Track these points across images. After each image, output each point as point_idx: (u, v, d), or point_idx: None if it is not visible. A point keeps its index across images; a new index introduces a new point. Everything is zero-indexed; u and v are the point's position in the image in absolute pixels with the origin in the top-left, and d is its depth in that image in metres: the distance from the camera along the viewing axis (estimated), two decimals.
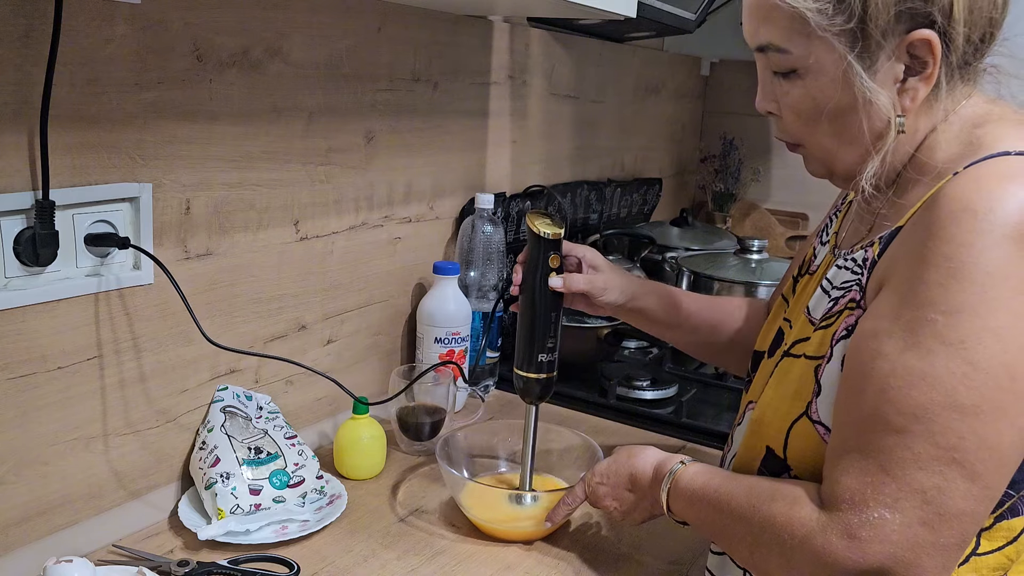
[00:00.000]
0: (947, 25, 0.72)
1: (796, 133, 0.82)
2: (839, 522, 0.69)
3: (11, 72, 0.81)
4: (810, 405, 0.79)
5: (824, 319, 0.82)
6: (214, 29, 0.99)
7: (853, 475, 0.70)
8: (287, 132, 1.12)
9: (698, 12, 1.54)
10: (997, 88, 0.79)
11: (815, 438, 0.78)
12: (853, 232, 0.87)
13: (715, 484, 0.83)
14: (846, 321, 0.78)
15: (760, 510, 0.76)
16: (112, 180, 0.91)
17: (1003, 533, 0.73)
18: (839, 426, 0.74)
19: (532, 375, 1.01)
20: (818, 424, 0.78)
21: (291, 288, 1.17)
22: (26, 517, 0.89)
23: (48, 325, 0.88)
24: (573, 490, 0.99)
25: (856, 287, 0.79)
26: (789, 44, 0.76)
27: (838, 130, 0.78)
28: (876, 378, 0.69)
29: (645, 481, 0.91)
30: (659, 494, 0.88)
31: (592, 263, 1.08)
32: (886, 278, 0.73)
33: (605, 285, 1.06)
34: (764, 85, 0.82)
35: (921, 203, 0.73)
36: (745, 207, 2.49)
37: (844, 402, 0.74)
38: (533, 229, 0.99)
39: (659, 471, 0.90)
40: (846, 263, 0.83)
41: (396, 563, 0.97)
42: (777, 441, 0.82)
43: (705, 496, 0.83)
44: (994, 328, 0.66)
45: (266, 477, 1.01)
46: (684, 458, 0.89)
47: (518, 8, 1.32)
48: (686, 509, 0.86)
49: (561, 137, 1.82)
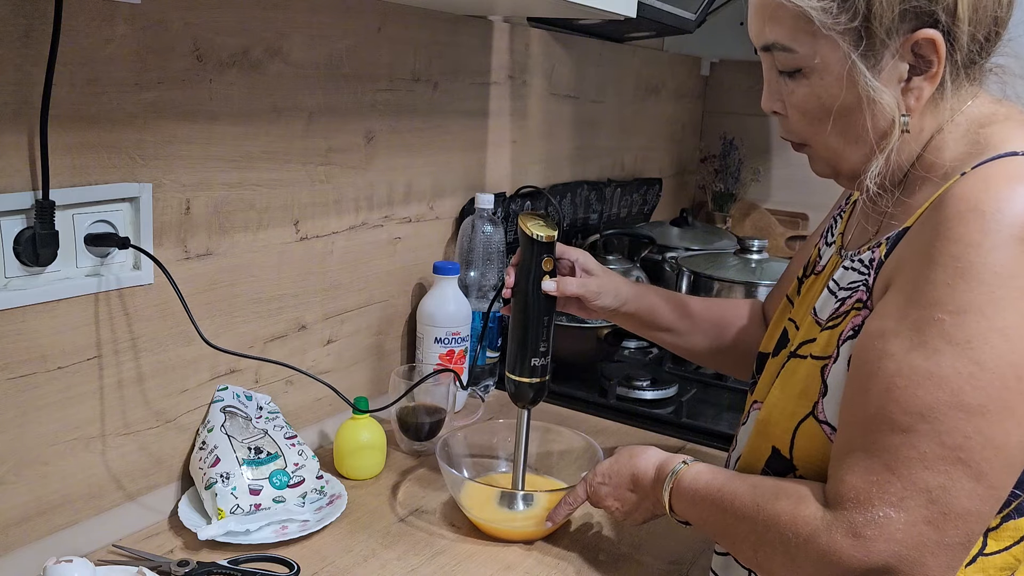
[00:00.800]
0: (951, 24, 0.72)
1: (802, 132, 0.82)
2: (844, 521, 0.69)
3: (11, 72, 0.81)
4: (816, 405, 0.79)
5: (831, 319, 0.81)
6: (214, 29, 0.99)
7: (858, 474, 0.70)
8: (287, 132, 1.12)
9: (698, 12, 1.54)
10: (1003, 88, 0.79)
11: (821, 438, 0.78)
12: (860, 233, 0.87)
13: (718, 483, 0.83)
14: (853, 321, 0.78)
15: (764, 509, 0.76)
16: (112, 180, 0.91)
17: (1010, 533, 0.73)
18: (845, 425, 0.74)
19: (525, 379, 1.01)
20: (824, 424, 0.78)
21: (291, 288, 1.17)
22: (26, 517, 0.89)
23: (48, 325, 0.88)
24: (575, 490, 0.99)
25: (863, 287, 0.79)
26: (794, 43, 0.76)
27: (843, 129, 0.78)
28: (882, 377, 0.69)
29: (647, 481, 0.91)
30: (661, 494, 0.88)
31: (585, 267, 1.08)
32: (893, 278, 0.73)
33: (599, 289, 1.06)
34: (770, 85, 0.82)
35: (929, 203, 0.73)
36: (745, 207, 2.49)
37: (850, 401, 0.74)
38: (526, 231, 0.99)
39: (661, 471, 0.90)
40: (853, 264, 0.83)
41: (396, 563, 0.97)
42: (783, 441, 0.81)
43: (708, 496, 0.83)
44: (1001, 328, 0.66)
45: (266, 477, 1.01)
46: (686, 458, 0.89)
47: (518, 8, 1.32)
48: (688, 509, 0.86)
49: (561, 137, 1.82)
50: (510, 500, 1.04)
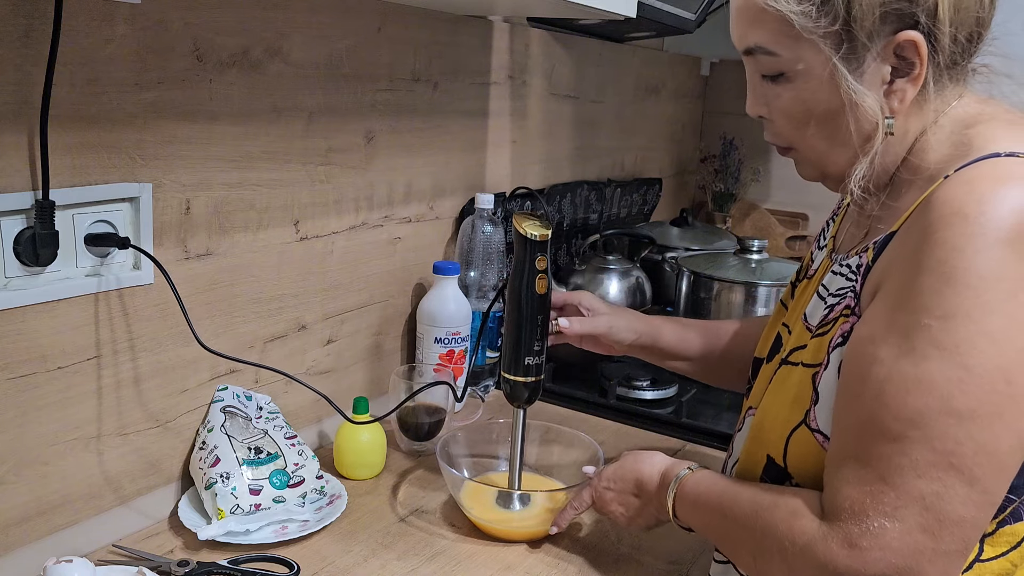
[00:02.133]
0: (932, 25, 0.72)
1: (787, 136, 0.81)
2: (840, 532, 0.69)
3: (11, 72, 0.81)
4: (808, 413, 0.79)
5: (820, 326, 0.81)
6: (214, 29, 0.99)
7: (852, 484, 0.70)
8: (287, 132, 1.12)
9: (698, 12, 1.54)
10: (989, 88, 0.79)
11: (814, 446, 0.78)
12: (849, 237, 0.87)
13: (719, 490, 0.83)
14: (842, 328, 0.77)
15: (762, 517, 0.76)
16: (112, 180, 0.91)
17: (1006, 538, 0.73)
18: (838, 433, 0.74)
19: (520, 378, 1.01)
20: (816, 432, 0.78)
21: (291, 288, 1.17)
22: (26, 517, 0.89)
23: (48, 325, 0.88)
24: (580, 495, 0.99)
25: (851, 294, 0.78)
26: (776, 47, 0.76)
27: (828, 133, 0.78)
28: (872, 384, 0.69)
29: (652, 486, 0.91)
30: (665, 499, 0.88)
31: (590, 307, 1.11)
32: (881, 283, 0.73)
33: (610, 324, 1.09)
34: (754, 89, 0.82)
35: (915, 207, 0.73)
36: (745, 207, 2.49)
37: (842, 409, 0.74)
38: (520, 231, 0.99)
39: (666, 476, 0.90)
40: (841, 269, 0.82)
41: (396, 563, 0.97)
42: (777, 449, 0.81)
43: (709, 502, 0.83)
44: (989, 332, 0.65)
45: (266, 477, 1.01)
46: (691, 464, 0.89)
47: (518, 8, 1.32)
48: (691, 514, 0.86)
49: (561, 137, 1.82)
50: (510, 500, 1.04)
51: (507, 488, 1.05)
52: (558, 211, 1.82)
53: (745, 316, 1.63)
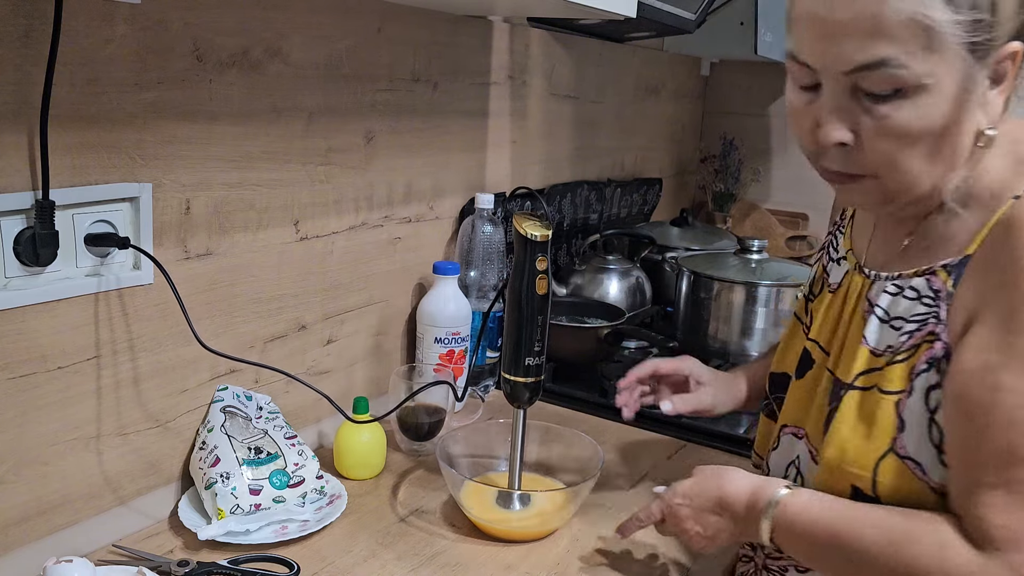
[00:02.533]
0: None
1: (877, 162, 0.73)
2: (1002, 562, 0.68)
3: (11, 72, 0.81)
4: (895, 441, 0.77)
5: (898, 352, 0.79)
6: (214, 29, 0.99)
7: (1001, 512, 0.69)
8: (287, 132, 1.12)
9: (698, 12, 1.54)
10: None
11: (907, 475, 0.76)
12: (882, 253, 0.85)
13: (831, 517, 0.78)
14: (926, 355, 0.76)
15: (902, 553, 0.72)
16: (112, 180, 0.91)
17: None
18: (966, 465, 0.72)
19: (520, 379, 1.01)
20: (907, 460, 0.76)
21: (291, 288, 1.17)
22: (26, 517, 0.89)
23: (48, 325, 0.88)
24: (648, 507, 0.92)
25: (933, 320, 0.77)
26: (910, 60, 0.68)
27: (931, 151, 0.72)
28: (1002, 411, 0.69)
29: (739, 507, 0.84)
30: (760, 522, 0.82)
31: (698, 378, 1.09)
32: (977, 310, 0.73)
33: (713, 401, 1.08)
34: (841, 112, 0.73)
35: (988, 228, 0.73)
36: (745, 207, 2.49)
37: (969, 440, 0.72)
38: (520, 231, 1.00)
39: (757, 497, 0.83)
40: (903, 291, 0.80)
41: (396, 563, 0.97)
42: (864, 481, 0.78)
43: (823, 531, 0.78)
44: None
45: (266, 477, 1.01)
46: (786, 483, 0.83)
47: (518, 8, 1.32)
48: (795, 542, 0.80)
49: (561, 137, 1.82)
50: (510, 500, 1.04)
51: (507, 488, 1.05)
52: (558, 211, 1.82)
53: (745, 316, 1.63)
